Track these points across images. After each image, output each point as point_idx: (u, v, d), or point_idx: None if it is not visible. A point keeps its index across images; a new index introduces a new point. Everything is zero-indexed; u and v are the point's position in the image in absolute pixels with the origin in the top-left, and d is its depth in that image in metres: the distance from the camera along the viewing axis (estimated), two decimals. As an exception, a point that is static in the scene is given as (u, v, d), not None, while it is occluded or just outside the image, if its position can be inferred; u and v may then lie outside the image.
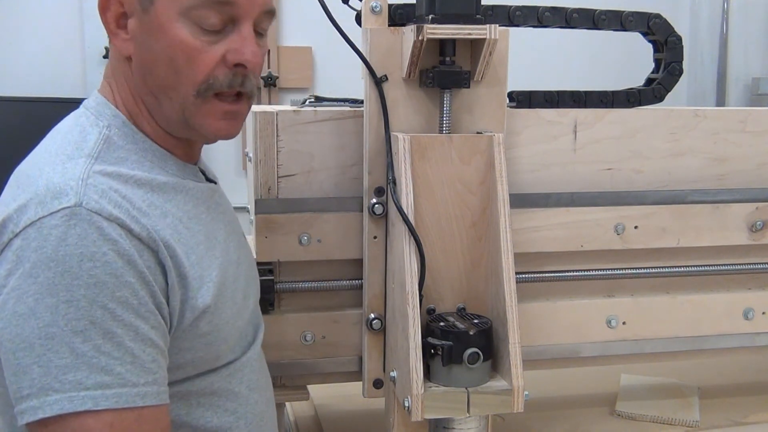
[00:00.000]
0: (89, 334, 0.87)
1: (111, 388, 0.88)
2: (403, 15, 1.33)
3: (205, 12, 0.97)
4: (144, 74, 1.01)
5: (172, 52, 0.97)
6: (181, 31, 0.97)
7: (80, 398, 0.87)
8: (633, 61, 2.54)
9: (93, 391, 0.87)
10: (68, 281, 0.87)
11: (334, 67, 3.63)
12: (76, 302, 0.87)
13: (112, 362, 0.88)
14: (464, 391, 1.18)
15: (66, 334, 0.87)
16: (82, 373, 0.87)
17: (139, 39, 1.00)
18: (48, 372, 0.86)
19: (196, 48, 0.97)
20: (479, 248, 1.30)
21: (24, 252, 0.89)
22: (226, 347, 1.08)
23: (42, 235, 0.88)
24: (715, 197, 1.49)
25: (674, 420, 1.57)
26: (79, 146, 0.98)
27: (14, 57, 3.48)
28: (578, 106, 1.45)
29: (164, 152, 1.04)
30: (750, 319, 1.55)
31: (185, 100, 1.00)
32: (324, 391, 1.58)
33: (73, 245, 0.88)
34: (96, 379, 0.87)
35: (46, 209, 0.90)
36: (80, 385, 0.87)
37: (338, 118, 1.38)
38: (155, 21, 0.97)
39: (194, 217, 1.04)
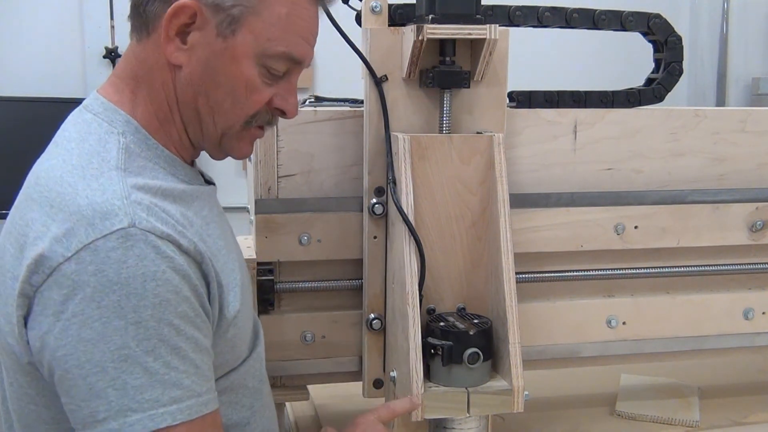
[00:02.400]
0: (159, 352, 0.90)
1: (183, 402, 0.91)
2: (403, 15, 1.33)
3: (277, 63, 1.02)
4: (197, 92, 1.01)
5: (236, 84, 1.01)
6: (251, 70, 1.01)
7: (159, 415, 0.89)
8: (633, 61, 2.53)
9: (169, 407, 0.90)
10: (134, 303, 0.88)
11: (334, 67, 3.62)
12: (144, 323, 0.89)
13: (181, 376, 0.91)
14: (464, 391, 1.18)
15: (138, 354, 0.88)
16: (158, 390, 0.89)
17: (203, 58, 1.00)
18: (125, 393, 0.88)
19: (257, 86, 1.02)
20: (479, 248, 1.30)
21: (81, 276, 0.88)
22: (244, 346, 1.10)
23: (99, 258, 0.88)
24: (715, 197, 1.49)
25: (674, 420, 1.57)
26: (103, 158, 0.96)
27: (14, 57, 3.47)
28: (578, 106, 1.45)
29: (174, 158, 1.04)
30: (750, 319, 1.55)
31: (231, 128, 1.04)
32: (324, 391, 1.58)
33: (134, 266, 0.88)
34: (170, 394, 0.90)
35: (98, 232, 0.89)
36: (157, 403, 0.89)
37: (338, 118, 1.38)
38: (230, 50, 0.99)
39: (211, 222, 1.05)
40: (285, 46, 1.01)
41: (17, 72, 3.46)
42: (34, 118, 2.99)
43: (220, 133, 1.05)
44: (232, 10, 0.97)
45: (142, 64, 1.03)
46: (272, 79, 1.03)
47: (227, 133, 1.05)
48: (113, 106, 1.02)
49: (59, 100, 3.29)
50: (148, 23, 1.01)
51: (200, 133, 1.05)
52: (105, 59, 3.50)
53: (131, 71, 1.04)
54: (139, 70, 1.03)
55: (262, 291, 1.38)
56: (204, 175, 1.15)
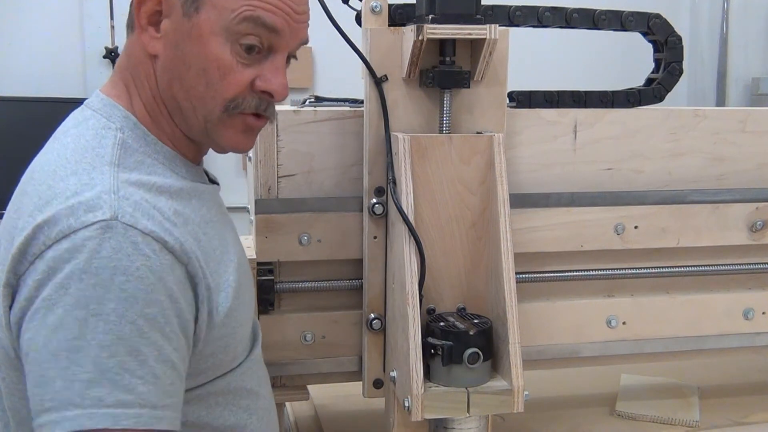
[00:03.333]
0: (115, 350, 0.86)
1: (131, 408, 0.86)
2: (403, 15, 1.33)
3: (248, 34, 0.97)
4: (171, 77, 1.00)
5: (206, 63, 0.98)
6: (220, 47, 0.97)
7: (100, 415, 0.85)
8: (633, 61, 2.54)
9: (113, 409, 0.85)
10: (99, 294, 0.86)
11: (334, 67, 3.63)
12: (105, 316, 0.86)
13: (135, 381, 0.87)
14: (464, 391, 1.18)
15: (92, 347, 0.85)
16: (105, 389, 0.85)
17: (173, 42, 0.99)
18: (71, 386, 0.85)
19: (231, 66, 0.98)
20: (479, 248, 1.30)
21: (56, 263, 0.87)
22: (241, 348, 1.09)
23: (75, 246, 0.87)
24: (715, 197, 1.49)
25: (674, 420, 1.57)
26: (97, 153, 0.96)
27: (14, 57, 3.47)
28: (578, 106, 1.45)
29: (174, 154, 1.04)
30: (750, 319, 1.55)
31: (210, 113, 1.00)
32: (324, 391, 1.58)
33: (106, 258, 0.87)
34: (117, 396, 0.86)
35: (80, 222, 0.88)
36: (101, 402, 0.85)
37: (338, 118, 1.38)
38: (196, 29, 0.97)
39: (209, 221, 1.04)
40: (250, 10, 0.96)
41: (17, 72, 3.46)
42: (34, 118, 2.99)
43: (203, 121, 1.01)
44: None
45: (130, 58, 1.04)
46: (250, 59, 0.99)
47: (209, 120, 1.01)
48: (112, 101, 1.02)
49: (59, 100, 3.29)
50: (132, 17, 1.02)
51: (185, 122, 1.03)
52: (105, 59, 3.50)
53: (124, 66, 1.05)
54: (127, 64, 1.04)
55: (262, 291, 1.37)
56: (208, 174, 1.14)
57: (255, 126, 1.06)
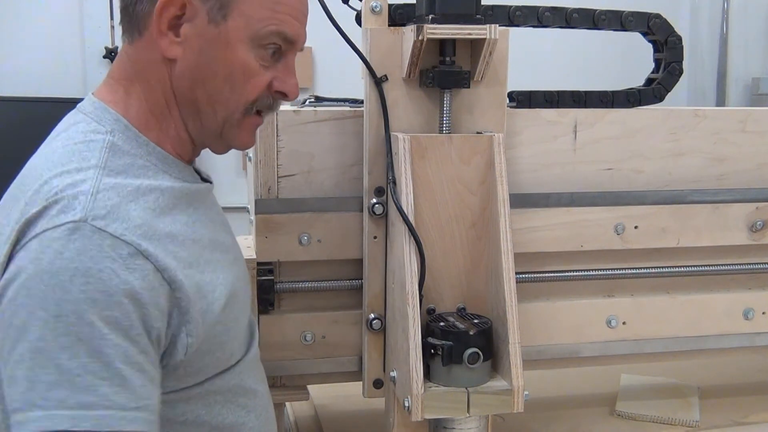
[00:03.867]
0: (76, 351, 0.85)
1: (93, 410, 0.85)
2: (403, 15, 1.33)
3: (273, 42, 1.02)
4: (194, 82, 1.01)
5: (233, 69, 1.01)
6: (247, 54, 1.01)
7: (60, 417, 0.84)
8: (633, 61, 2.54)
9: (74, 411, 0.85)
10: (59, 295, 0.85)
11: (334, 67, 3.63)
12: (64, 317, 0.85)
13: (98, 382, 0.86)
14: (464, 391, 1.18)
15: (53, 349, 0.85)
16: (66, 391, 0.85)
17: (196, 47, 1.00)
18: (34, 387, 0.85)
19: (255, 70, 1.02)
20: (479, 248, 1.30)
21: (23, 263, 0.88)
22: (237, 345, 1.09)
23: (42, 246, 0.87)
24: (715, 197, 1.49)
25: (674, 420, 1.57)
26: (84, 156, 0.96)
27: (14, 57, 3.48)
28: (578, 106, 1.45)
29: (166, 155, 1.04)
30: (750, 319, 1.55)
31: (232, 115, 1.04)
32: (324, 391, 1.58)
33: (68, 259, 0.86)
34: (78, 398, 0.85)
35: (52, 222, 0.88)
36: (62, 404, 0.84)
37: (338, 118, 1.38)
38: (223, 36, 0.99)
39: (198, 220, 1.04)
40: (277, 25, 1.01)
41: (17, 72, 3.46)
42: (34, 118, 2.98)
43: (221, 123, 1.04)
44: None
45: (136, 64, 1.03)
46: (269, 62, 1.03)
47: (228, 122, 1.04)
48: (104, 105, 1.02)
49: (59, 100, 3.29)
50: (139, 22, 1.01)
51: (200, 125, 1.05)
52: (105, 59, 3.50)
53: (125, 72, 1.04)
54: (132, 69, 1.04)
55: (262, 291, 1.37)
56: (201, 173, 1.14)
57: (260, 124, 1.10)
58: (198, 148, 1.10)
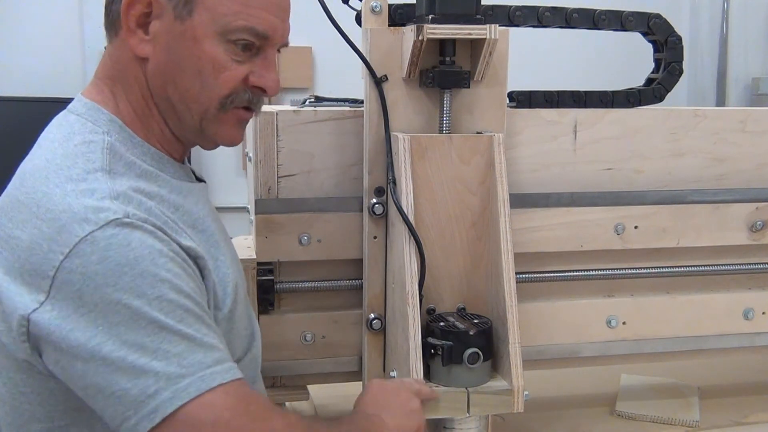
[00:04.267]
0: (189, 320, 0.91)
1: (225, 362, 0.92)
2: (403, 15, 1.33)
3: (242, 38, 1.00)
4: (165, 79, 1.01)
5: (201, 65, 1.00)
6: (214, 48, 1.00)
7: (209, 375, 0.89)
8: (633, 61, 2.54)
9: (215, 367, 0.90)
10: (150, 280, 0.89)
11: (334, 67, 3.63)
12: (165, 296, 0.89)
13: (215, 341, 0.92)
14: (464, 391, 1.18)
15: (170, 324, 0.89)
16: (200, 354, 0.90)
17: (165, 44, 1.00)
18: (170, 362, 0.88)
19: (225, 65, 1.01)
20: (479, 248, 1.30)
21: (88, 267, 0.88)
22: (240, 345, 1.10)
23: (100, 247, 0.88)
24: (715, 197, 1.49)
25: (674, 420, 1.57)
26: (88, 158, 0.96)
27: (14, 57, 3.48)
28: (578, 106, 1.45)
29: (161, 155, 1.04)
30: (750, 319, 1.55)
31: (207, 111, 1.03)
32: (324, 391, 1.58)
33: (138, 248, 0.89)
34: (212, 356, 0.91)
35: (93, 224, 0.89)
36: (203, 364, 0.89)
37: (338, 118, 1.38)
38: (190, 32, 0.99)
39: (201, 219, 1.05)
40: (245, 20, 0.99)
41: (17, 72, 3.46)
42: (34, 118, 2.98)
43: (198, 119, 1.03)
44: None
45: (116, 63, 1.04)
46: (244, 56, 1.02)
47: (205, 118, 1.03)
48: (96, 105, 1.02)
49: (59, 100, 3.27)
50: (115, 22, 1.02)
51: (179, 122, 1.04)
52: (105, 59, 3.50)
53: (107, 71, 1.05)
54: (113, 69, 1.04)
55: (262, 291, 1.38)
56: (194, 172, 1.15)
57: (246, 119, 1.08)
58: (187, 146, 1.10)
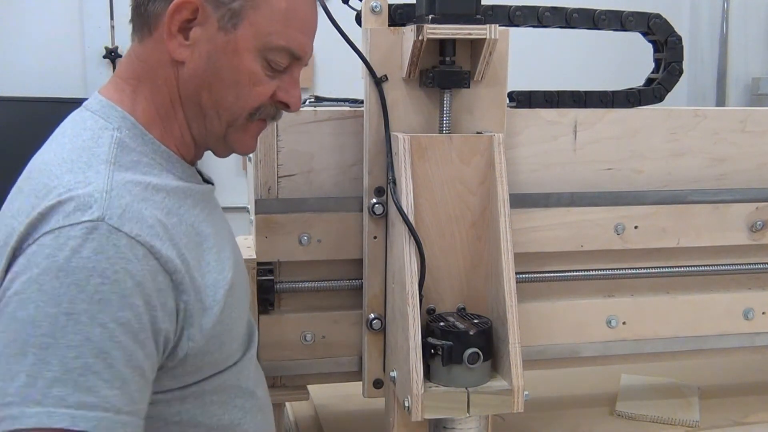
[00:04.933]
0: (83, 351, 0.86)
1: (93, 410, 0.86)
2: (403, 15, 1.33)
3: (278, 57, 1.04)
4: (200, 86, 1.02)
5: (240, 77, 1.02)
6: (254, 63, 1.02)
7: (59, 415, 0.84)
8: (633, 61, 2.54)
9: (74, 410, 0.84)
10: (73, 294, 0.86)
11: (334, 67, 3.63)
12: (76, 316, 0.85)
13: (100, 383, 0.86)
14: (464, 391, 1.18)
15: (59, 347, 0.85)
16: (67, 389, 0.85)
17: (205, 52, 1.01)
18: (34, 383, 0.84)
19: (260, 79, 1.04)
20: (479, 248, 1.30)
21: (35, 258, 0.88)
22: (236, 346, 1.10)
23: (57, 243, 0.87)
24: (715, 197, 1.49)
25: (674, 420, 1.57)
26: (94, 152, 0.97)
27: (14, 57, 3.47)
28: (578, 106, 1.45)
29: (171, 154, 1.04)
30: (750, 319, 1.55)
31: (235, 120, 1.05)
32: (324, 391, 1.58)
33: (85, 258, 0.87)
34: (79, 397, 0.85)
35: (68, 220, 0.88)
36: (62, 402, 0.84)
37: (338, 118, 1.38)
38: (232, 44, 1.00)
39: (203, 220, 1.05)
40: (285, 41, 1.03)
41: (17, 72, 3.46)
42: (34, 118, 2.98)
43: (225, 127, 1.06)
44: (232, 5, 0.99)
45: (144, 63, 1.04)
46: (274, 72, 1.05)
47: (232, 126, 1.06)
48: (111, 103, 1.03)
49: (59, 100, 3.29)
50: (150, 22, 1.02)
51: (204, 128, 1.06)
52: (105, 59, 3.50)
53: (133, 71, 1.05)
54: (141, 69, 1.04)
55: (262, 291, 1.37)
56: (203, 174, 1.15)
57: (263, 129, 1.11)
58: (200, 150, 1.10)
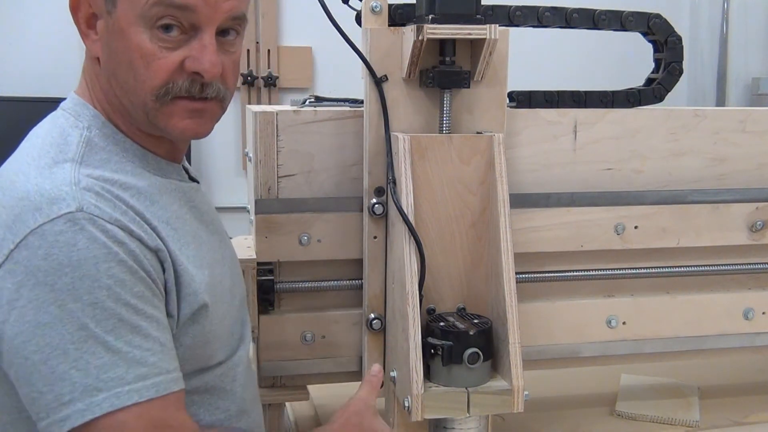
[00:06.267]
0: (120, 331, 0.89)
1: (149, 378, 0.91)
2: (403, 15, 1.33)
3: (162, 17, 0.95)
4: (109, 76, 1.01)
5: (131, 55, 0.97)
6: (139, 36, 0.96)
7: (125, 393, 0.89)
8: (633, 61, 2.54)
9: (135, 384, 0.89)
10: (88, 284, 0.88)
11: (334, 67, 3.63)
12: (101, 303, 0.88)
13: (145, 354, 0.91)
14: (464, 391, 1.18)
15: (98, 334, 0.88)
16: (121, 368, 0.89)
17: (105, 41, 1.00)
18: (88, 373, 0.88)
19: (154, 53, 0.96)
20: (479, 248, 1.30)
21: (32, 261, 0.88)
22: (219, 345, 1.09)
23: (47, 242, 0.88)
24: (715, 197, 1.49)
25: (674, 420, 1.57)
26: (61, 149, 0.97)
27: (14, 57, 3.47)
28: (578, 106, 1.45)
29: (144, 151, 1.04)
30: (750, 319, 1.55)
31: (145, 103, 0.99)
32: (324, 391, 1.58)
33: (84, 249, 0.88)
34: (135, 372, 0.90)
35: (45, 216, 0.89)
36: (122, 381, 0.89)
37: (338, 118, 1.38)
38: (117, 24, 0.97)
39: (180, 217, 1.04)
40: None
41: (17, 72, 3.46)
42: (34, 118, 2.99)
43: (144, 114, 0.99)
44: None
45: (86, 61, 1.05)
46: (174, 42, 0.96)
47: (148, 112, 0.99)
48: (82, 101, 1.04)
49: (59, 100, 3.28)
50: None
51: (131, 118, 1.02)
52: (105, 59, 3.50)
53: (85, 69, 1.06)
54: (86, 67, 1.06)
55: (262, 291, 1.37)
56: (189, 172, 1.14)
57: (200, 109, 1.01)
58: (178, 145, 1.09)
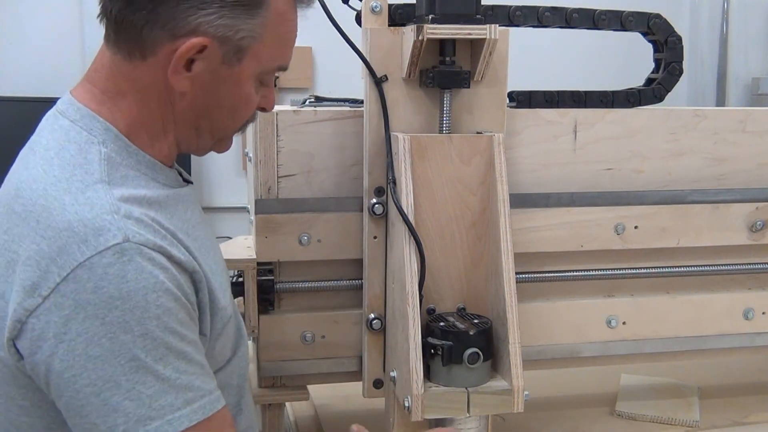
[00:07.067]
0: (168, 359, 0.92)
1: (196, 402, 0.94)
2: (403, 15, 1.33)
3: (272, 74, 1.09)
4: (199, 114, 1.04)
5: (238, 103, 1.06)
6: (250, 88, 1.05)
7: (177, 419, 0.92)
8: (633, 61, 2.54)
9: (184, 409, 0.93)
10: (138, 315, 0.90)
11: (334, 67, 3.63)
12: (151, 333, 0.91)
13: (191, 378, 0.94)
14: (464, 391, 1.18)
15: (149, 364, 0.90)
16: (171, 396, 0.92)
17: (207, 84, 1.01)
18: (141, 403, 0.90)
19: (254, 99, 1.08)
20: (479, 248, 1.30)
21: (81, 295, 0.88)
22: (229, 345, 1.11)
23: (97, 275, 0.88)
24: (715, 197, 1.49)
25: (674, 420, 1.57)
26: (86, 170, 0.95)
27: (14, 57, 3.47)
28: (578, 106, 1.45)
29: (153, 161, 1.03)
30: (750, 319, 1.55)
31: (227, 135, 1.11)
32: (324, 391, 1.58)
33: (133, 281, 0.90)
34: (183, 397, 0.93)
35: (92, 248, 0.89)
36: (172, 407, 0.92)
37: (338, 118, 1.38)
38: (235, 76, 1.02)
39: (195, 224, 1.06)
40: (281, 61, 1.07)
41: (17, 72, 3.46)
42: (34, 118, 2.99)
43: (214, 141, 1.10)
44: (240, 42, 0.99)
45: (134, 83, 1.01)
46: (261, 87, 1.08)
47: (223, 138, 1.11)
48: (90, 112, 1.00)
49: (59, 100, 3.29)
50: (145, 47, 0.98)
51: (196, 145, 1.09)
52: (105, 59, 3.50)
53: (116, 86, 1.01)
54: (127, 86, 1.01)
55: (262, 291, 1.38)
56: (181, 173, 1.14)
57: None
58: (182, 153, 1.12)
